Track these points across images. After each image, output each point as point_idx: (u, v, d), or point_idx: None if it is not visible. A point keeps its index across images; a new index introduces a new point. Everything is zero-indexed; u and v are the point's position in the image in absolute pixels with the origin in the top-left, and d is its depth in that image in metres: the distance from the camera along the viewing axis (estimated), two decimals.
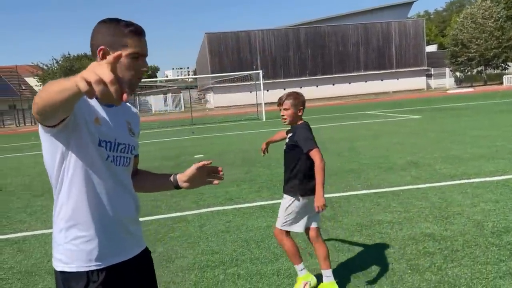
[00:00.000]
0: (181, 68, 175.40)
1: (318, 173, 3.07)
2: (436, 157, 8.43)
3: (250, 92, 36.65)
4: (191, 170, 1.93)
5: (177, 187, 1.95)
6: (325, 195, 3.13)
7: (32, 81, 58.25)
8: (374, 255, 3.95)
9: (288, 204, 3.28)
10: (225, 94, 46.14)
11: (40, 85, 51.98)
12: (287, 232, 3.35)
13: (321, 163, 3.08)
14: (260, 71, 24.56)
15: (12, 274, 4.23)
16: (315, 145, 3.15)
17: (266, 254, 4.19)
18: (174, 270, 4.01)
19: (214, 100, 47.89)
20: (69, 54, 53.10)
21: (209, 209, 5.98)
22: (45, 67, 51.25)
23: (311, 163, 3.13)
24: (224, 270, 3.90)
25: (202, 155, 11.31)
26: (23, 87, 61.57)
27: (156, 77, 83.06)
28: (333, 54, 48.57)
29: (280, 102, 3.26)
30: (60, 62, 51.27)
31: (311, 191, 3.14)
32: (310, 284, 3.34)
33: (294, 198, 3.23)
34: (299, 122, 3.30)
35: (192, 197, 6.69)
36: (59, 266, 1.63)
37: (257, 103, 26.50)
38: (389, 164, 8.17)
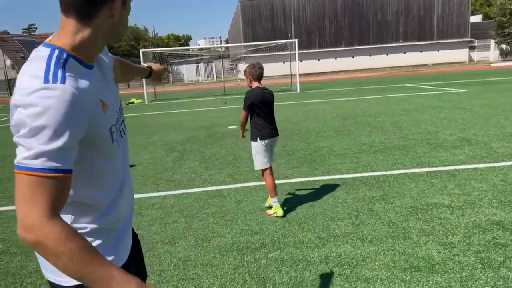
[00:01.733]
0: (213, 38, 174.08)
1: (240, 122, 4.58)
2: (491, 134, 7.73)
3: (283, 62, 35.83)
4: (160, 67, 2.12)
5: (148, 76, 2.05)
6: (372, 173, 2.97)
7: None
8: (435, 245, 3.49)
9: (254, 148, 4.45)
10: None
11: None
12: (266, 170, 4.46)
13: (240, 120, 4.53)
14: (296, 40, 23.67)
15: None
16: (244, 109, 4.41)
17: (311, 238, 3.81)
18: (211, 250, 3.70)
19: None
20: None
21: (246, 184, 5.64)
22: None
23: (262, 117, 4.41)
24: (266, 254, 3.55)
25: (235, 126, 10.95)
26: None
27: (188, 46, 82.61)
28: (371, 23, 46.57)
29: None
30: None
31: (264, 136, 4.39)
32: (277, 214, 4.35)
33: (256, 142, 4.41)
34: (254, 87, 4.46)
35: (228, 171, 6.36)
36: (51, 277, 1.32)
37: (291, 74, 25.77)
38: (439, 140, 7.55)
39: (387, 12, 46.71)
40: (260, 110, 4.35)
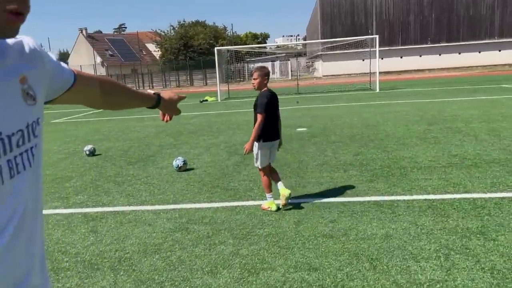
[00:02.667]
0: (291, 36, 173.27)
1: (254, 129, 4.43)
2: None
3: (363, 60, 34.08)
4: (173, 96, 1.71)
5: (155, 106, 1.64)
6: (466, 194, 4.10)
7: (151, 47, 61.99)
8: None
9: (257, 148, 4.48)
10: (334, 62, 43.83)
11: (158, 50, 54.99)
12: (265, 169, 4.54)
13: (258, 124, 4.38)
14: (377, 36, 22.14)
15: (75, 263, 3.62)
16: (261, 111, 4.35)
17: (385, 283, 2.96)
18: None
19: (323, 68, 45.88)
20: (184, 21, 55.01)
21: (309, 200, 4.86)
22: (162, 33, 53.81)
23: (268, 120, 4.40)
24: None
25: (305, 129, 10.15)
26: (144, 53, 65.98)
27: (265, 44, 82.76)
28: (461, 18, 42.79)
29: (251, 73, 4.52)
30: (176, 28, 53.37)
31: (268, 138, 4.44)
32: (271, 209, 4.47)
33: (258, 143, 4.43)
34: (263, 90, 4.49)
35: (290, 181, 5.62)
36: None
37: (370, 72, 24.25)
38: None
39: (481, 5, 42.61)
40: (269, 113, 4.42)
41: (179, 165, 6.62)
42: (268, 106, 4.36)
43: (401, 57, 44.05)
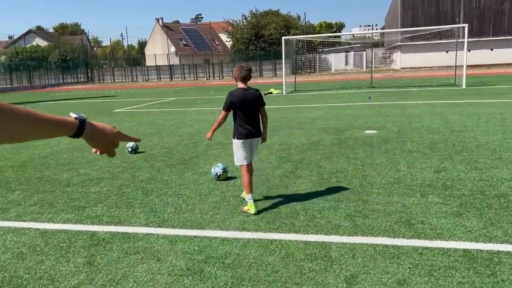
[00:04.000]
0: (369, 26, 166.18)
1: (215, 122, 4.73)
2: None
3: (447, 52, 30.90)
4: (109, 129, 1.35)
5: (77, 134, 1.26)
6: None
7: (224, 37, 62.18)
8: None
9: (234, 145, 4.65)
10: (414, 53, 40.56)
11: (229, 41, 54.86)
12: (243, 166, 4.57)
13: (217, 120, 4.66)
14: (466, 25, 19.57)
15: None
16: (223, 108, 4.56)
17: None
18: None
19: (401, 60, 42.75)
20: (256, 10, 54.27)
21: (370, 240, 3.61)
22: (234, 23, 53.55)
23: (241, 118, 4.49)
24: None
25: (375, 131, 8.72)
26: (216, 43, 66.47)
27: (352, 35, 79.76)
28: None
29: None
30: (248, 18, 52.81)
31: (241, 136, 4.52)
32: (250, 212, 4.37)
33: (234, 140, 4.61)
34: (237, 88, 4.56)
35: (347, 206, 4.38)
36: None
37: (455, 65, 21.63)
38: None
39: None
40: (239, 111, 4.46)
41: (218, 174, 5.65)
42: (235, 104, 4.44)
43: (492, 50, 39.74)
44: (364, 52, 47.16)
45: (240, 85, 4.49)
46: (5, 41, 70.64)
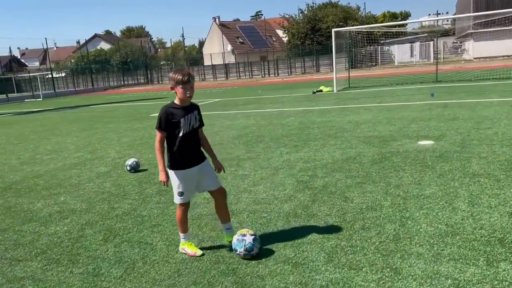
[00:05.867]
0: (439, 14, 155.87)
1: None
2: None
3: None
4: None
5: None
6: None
7: (281, 33, 60.68)
8: None
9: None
10: (489, 41, 36.42)
11: (285, 36, 53.28)
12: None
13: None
14: None
15: None
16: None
17: None
18: None
19: (474, 49, 38.67)
20: (313, 3, 52.15)
21: None
22: (290, 18, 51.89)
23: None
24: None
25: (431, 142, 6.90)
26: (273, 39, 65.15)
27: (405, 24, 75.09)
28: None
29: (189, 80, 3.31)
30: (304, 12, 50.89)
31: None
32: (185, 250, 3.52)
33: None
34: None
35: (378, 269, 2.85)
36: None
37: None
38: None
39: None
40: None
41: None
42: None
43: None
44: (432, 42, 43.36)
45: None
46: (74, 46, 74.52)
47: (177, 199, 3.47)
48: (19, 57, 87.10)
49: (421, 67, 34.30)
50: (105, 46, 66.69)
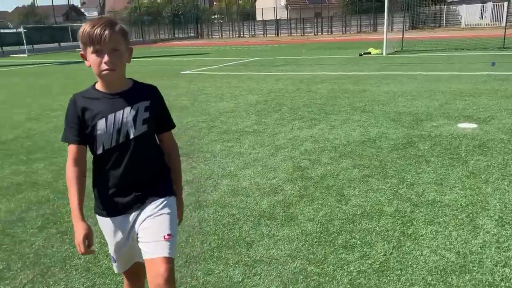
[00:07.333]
0: None
1: None
2: None
3: None
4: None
5: None
6: None
7: None
8: None
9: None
10: None
11: None
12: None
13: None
14: None
15: None
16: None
17: None
18: None
19: None
20: None
21: None
22: None
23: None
24: None
25: (474, 125, 5.69)
26: None
27: None
28: None
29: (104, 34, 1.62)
30: None
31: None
32: None
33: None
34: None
35: None
36: None
37: None
38: None
39: None
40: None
41: None
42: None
43: None
44: (506, 3, 38.83)
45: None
46: None
47: (114, 265, 1.97)
48: (79, 6, 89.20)
49: (490, 31, 30.85)
50: None
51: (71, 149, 1.72)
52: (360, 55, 17.37)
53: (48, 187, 4.27)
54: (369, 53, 17.75)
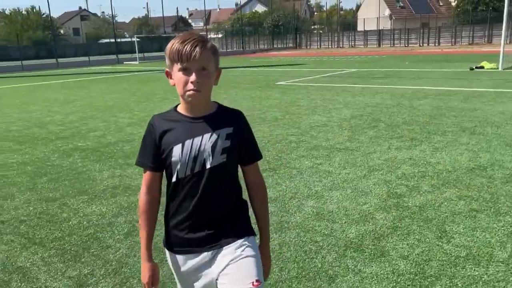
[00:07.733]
0: None
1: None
2: None
3: None
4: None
5: None
6: None
7: None
8: None
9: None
10: None
11: (454, 0, 46.65)
12: None
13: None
14: None
15: None
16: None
17: None
18: None
19: None
20: None
21: None
22: None
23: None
24: None
25: None
26: (440, 3, 57.86)
27: None
28: None
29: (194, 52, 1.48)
30: None
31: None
32: None
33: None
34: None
35: None
36: None
37: None
38: None
39: None
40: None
41: None
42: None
43: None
44: None
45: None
46: (232, 8, 77.96)
47: None
48: (187, 17, 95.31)
49: None
50: (260, 8, 68.15)
51: (145, 175, 1.60)
52: (471, 69, 15.87)
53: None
54: (482, 67, 16.15)
